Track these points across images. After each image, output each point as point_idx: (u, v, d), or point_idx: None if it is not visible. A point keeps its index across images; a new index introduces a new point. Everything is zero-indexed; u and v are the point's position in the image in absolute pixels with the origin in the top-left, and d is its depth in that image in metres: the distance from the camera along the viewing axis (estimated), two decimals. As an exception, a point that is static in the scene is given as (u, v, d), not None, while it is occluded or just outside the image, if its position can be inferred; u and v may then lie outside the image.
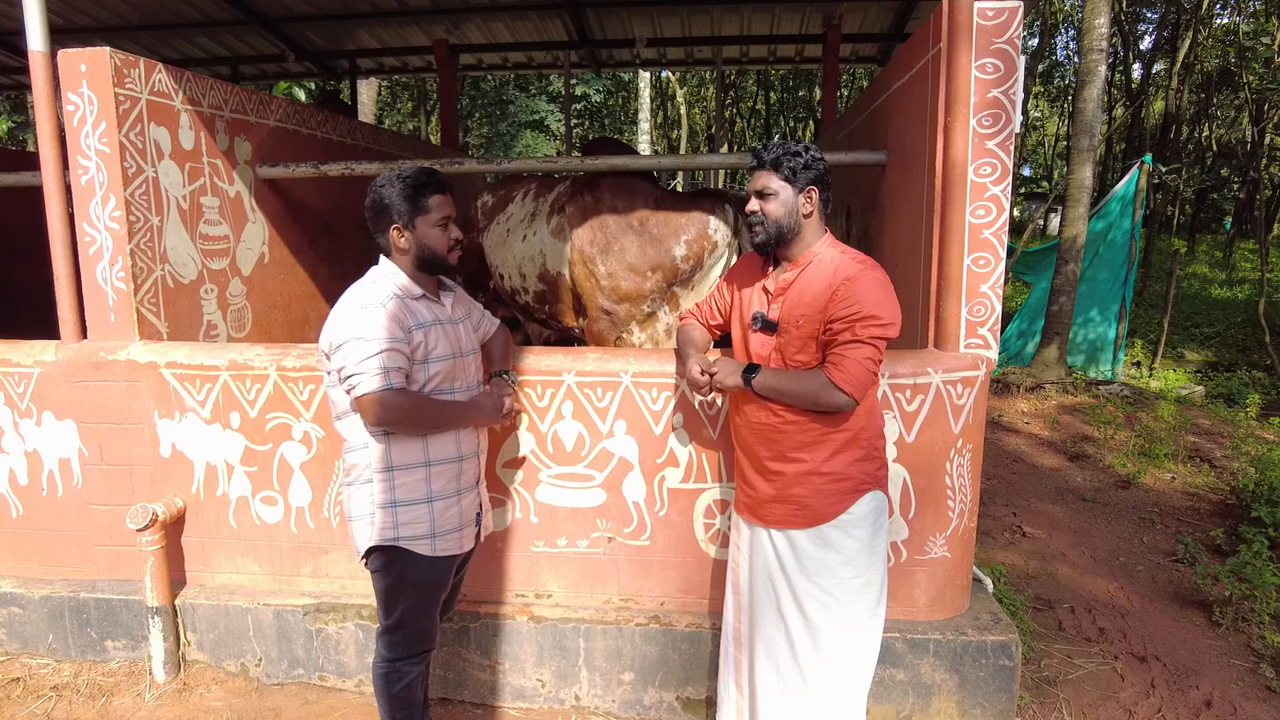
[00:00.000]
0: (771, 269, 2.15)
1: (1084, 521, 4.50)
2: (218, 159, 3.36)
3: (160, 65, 3.00)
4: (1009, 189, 2.57)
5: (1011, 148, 2.55)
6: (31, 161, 5.88)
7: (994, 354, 2.63)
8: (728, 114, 22.06)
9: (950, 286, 2.59)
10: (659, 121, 21.42)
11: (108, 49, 2.76)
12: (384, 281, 2.09)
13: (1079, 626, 3.34)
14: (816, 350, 2.03)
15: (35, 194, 3.00)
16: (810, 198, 2.05)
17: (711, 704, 2.66)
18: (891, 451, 2.58)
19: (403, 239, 2.10)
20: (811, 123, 21.88)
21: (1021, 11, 2.48)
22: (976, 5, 2.47)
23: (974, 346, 2.62)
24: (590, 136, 21.67)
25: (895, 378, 2.54)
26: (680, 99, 19.86)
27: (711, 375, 2.14)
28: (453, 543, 2.17)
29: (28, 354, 2.95)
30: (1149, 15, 19.81)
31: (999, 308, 2.61)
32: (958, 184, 2.54)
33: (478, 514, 2.27)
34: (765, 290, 2.14)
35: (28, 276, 5.43)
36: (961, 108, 2.50)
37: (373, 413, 1.99)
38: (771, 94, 22.85)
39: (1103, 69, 7.61)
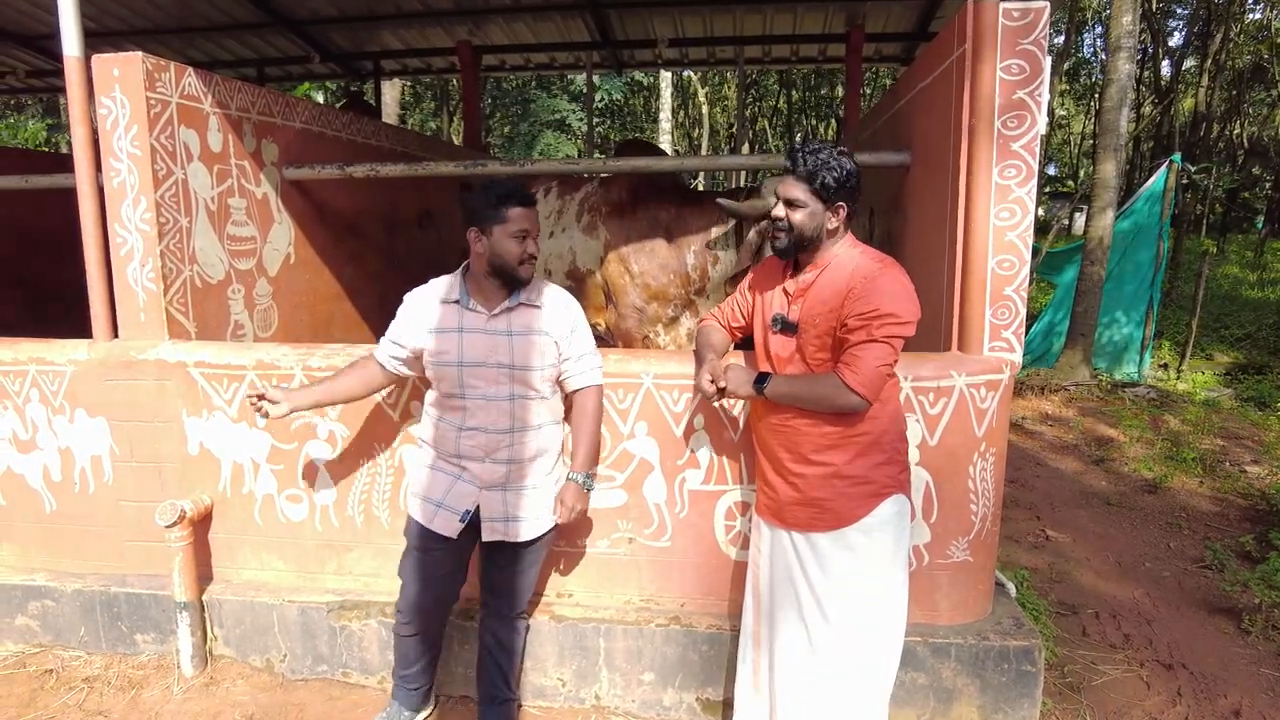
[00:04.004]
0: (792, 271, 2.16)
1: (1109, 526, 4.45)
2: (245, 161, 3.41)
3: (190, 69, 3.04)
4: (1034, 191, 2.55)
5: (1037, 149, 2.53)
6: (64, 164, 6.00)
7: (1018, 357, 2.61)
8: (749, 113, 21.99)
9: (974, 289, 2.58)
10: (680, 121, 21.39)
11: (140, 54, 2.81)
12: (437, 280, 2.36)
13: (1104, 633, 3.31)
14: (835, 348, 2.03)
15: (65, 195, 3.06)
16: (838, 214, 2.03)
17: (730, 705, 2.66)
18: (914, 454, 2.56)
19: (478, 243, 2.24)
20: (834, 122, 21.75)
21: (1048, 12, 2.45)
22: (1002, 6, 2.45)
23: (998, 349, 2.60)
24: (612, 136, 21.70)
25: (918, 380, 2.52)
26: (702, 98, 19.83)
27: (722, 388, 2.14)
28: (423, 512, 2.36)
29: (61, 353, 3.01)
30: (1179, 11, 19.50)
31: (1023, 310, 2.59)
32: (982, 186, 2.52)
33: (468, 510, 2.33)
34: (786, 292, 2.14)
35: (57, 276, 5.55)
36: (986, 109, 2.49)
37: None
38: (794, 93, 22.75)
39: (1129, 66, 7.50)
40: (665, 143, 14.40)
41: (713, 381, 2.15)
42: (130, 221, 2.90)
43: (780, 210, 2.06)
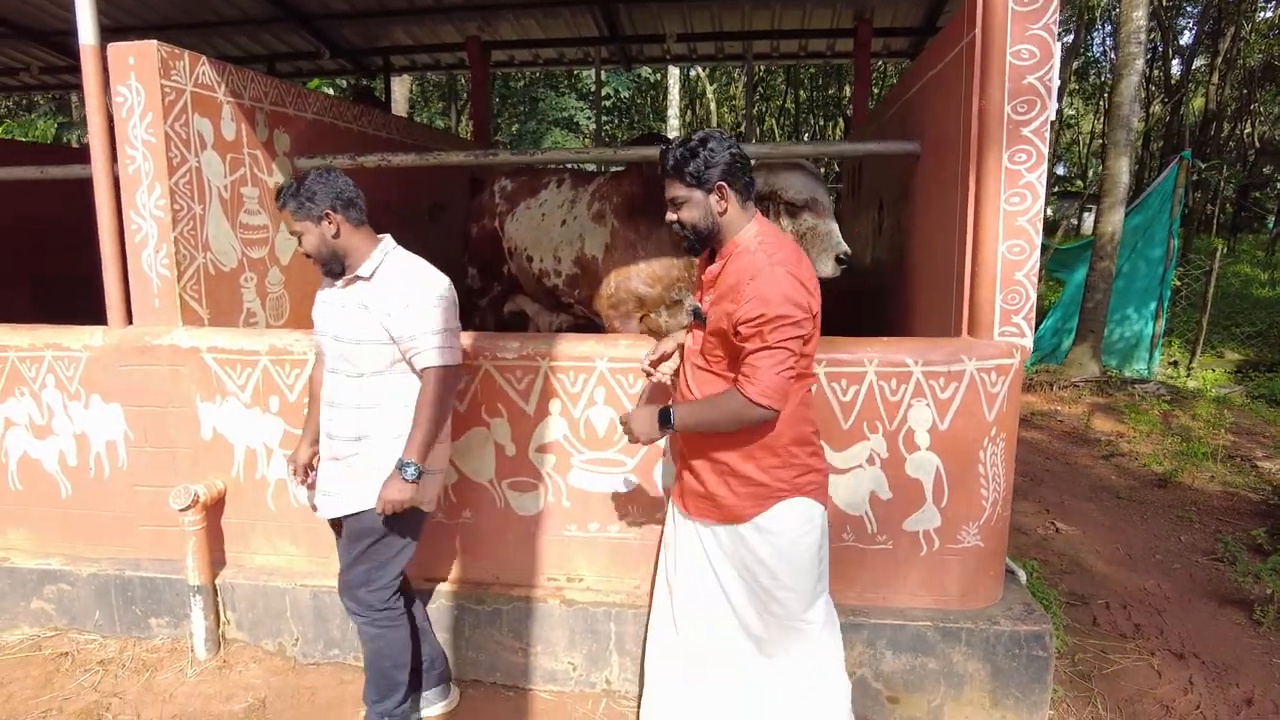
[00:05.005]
0: (709, 261, 2.12)
1: (1119, 519, 4.43)
2: (258, 150, 3.43)
3: (204, 58, 3.07)
4: (1044, 176, 2.55)
5: (1047, 134, 2.53)
6: (79, 158, 6.05)
7: (1029, 342, 2.61)
8: (756, 111, 21.98)
9: (984, 274, 2.58)
10: (688, 119, 21.39)
11: (155, 42, 2.83)
12: None
13: (1114, 622, 3.30)
14: (727, 348, 1.98)
15: (82, 190, 3.09)
16: (723, 194, 1.96)
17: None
18: (924, 439, 2.57)
19: None
20: (842, 121, 21.71)
21: (1059, -4, 2.46)
22: (1013, -10, 2.45)
23: (1008, 334, 2.60)
24: (620, 134, 21.74)
25: (929, 365, 2.53)
26: (710, 96, 19.83)
27: (631, 431, 2.09)
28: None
29: (76, 339, 3.04)
30: (1189, 9, 19.41)
31: (1034, 295, 2.59)
32: (992, 171, 2.53)
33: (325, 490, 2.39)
34: (702, 282, 2.11)
35: (75, 269, 5.59)
36: (996, 94, 2.49)
37: None
38: (801, 92, 22.71)
39: (1139, 62, 7.48)
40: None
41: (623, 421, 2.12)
42: (145, 209, 2.92)
43: (670, 214, 2.02)
